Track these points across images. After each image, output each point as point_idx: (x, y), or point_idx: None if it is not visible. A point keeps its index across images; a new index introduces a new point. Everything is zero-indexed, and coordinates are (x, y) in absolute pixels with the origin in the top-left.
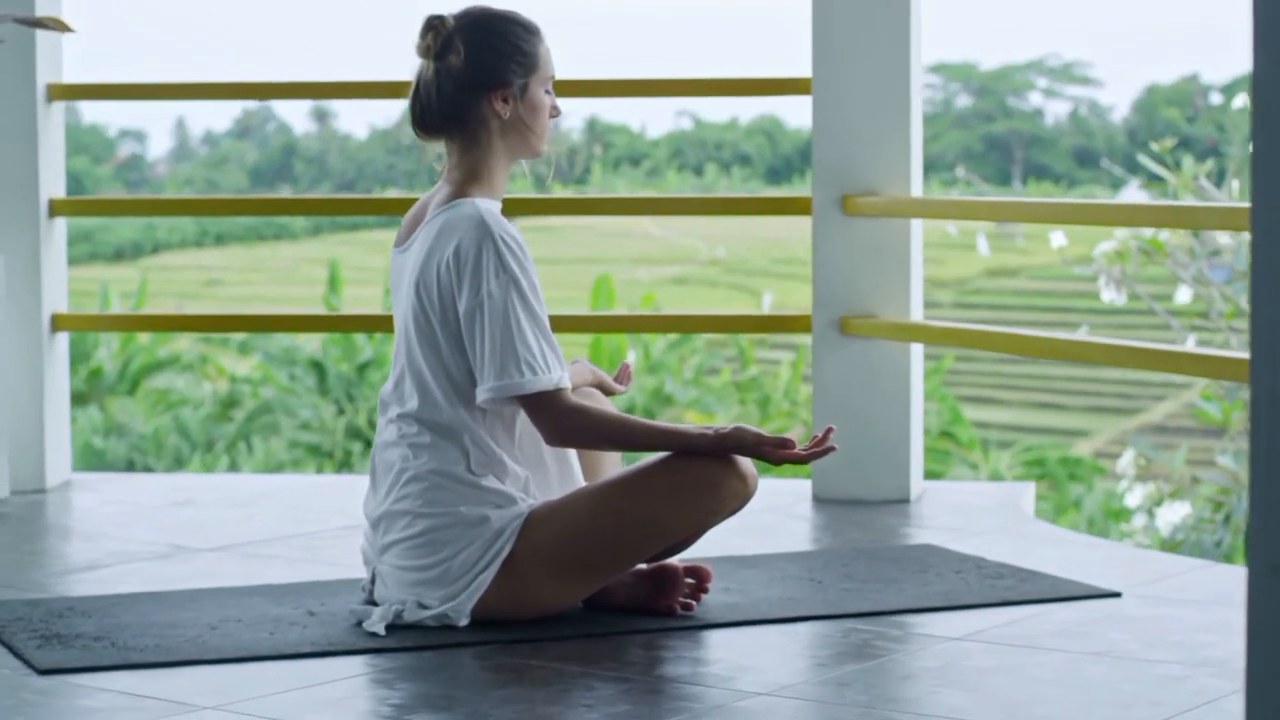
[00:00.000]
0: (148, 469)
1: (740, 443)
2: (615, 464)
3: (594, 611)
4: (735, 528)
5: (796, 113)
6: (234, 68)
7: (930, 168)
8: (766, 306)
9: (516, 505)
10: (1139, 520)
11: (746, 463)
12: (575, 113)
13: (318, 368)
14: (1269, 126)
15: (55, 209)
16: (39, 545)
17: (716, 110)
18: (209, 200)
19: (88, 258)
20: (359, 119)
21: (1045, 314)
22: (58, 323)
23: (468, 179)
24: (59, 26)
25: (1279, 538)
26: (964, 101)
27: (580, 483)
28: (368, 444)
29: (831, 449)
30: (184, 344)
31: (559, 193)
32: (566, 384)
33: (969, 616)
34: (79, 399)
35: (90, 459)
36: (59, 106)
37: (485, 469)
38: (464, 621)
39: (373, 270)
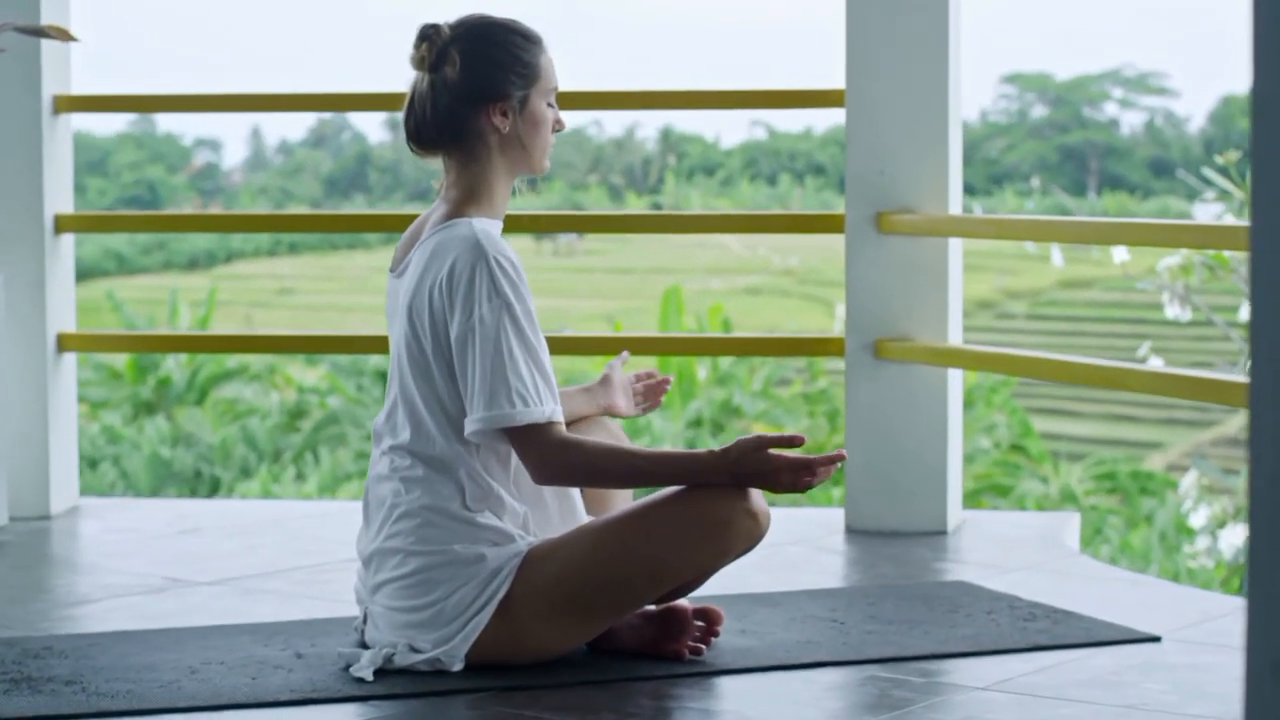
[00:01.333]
0: (215, 479)
1: (744, 451)
2: (624, 498)
3: (597, 655)
4: (760, 562)
5: None
6: (236, 73)
7: (1006, 178)
8: (839, 318)
9: (514, 543)
10: (1202, 542)
11: (758, 500)
12: (647, 123)
13: (385, 379)
14: (1270, 139)
15: (61, 225)
16: (30, 577)
17: (790, 121)
18: (219, 216)
19: (161, 266)
20: None
21: (1117, 325)
22: (63, 343)
23: (465, 198)
24: (62, 36)
25: None
26: (1039, 112)
27: (583, 519)
28: None
29: (841, 457)
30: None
31: (631, 205)
32: (559, 418)
33: (997, 663)
34: (147, 408)
35: (157, 469)
36: (65, 119)
37: (481, 504)
38: (458, 666)
39: None
